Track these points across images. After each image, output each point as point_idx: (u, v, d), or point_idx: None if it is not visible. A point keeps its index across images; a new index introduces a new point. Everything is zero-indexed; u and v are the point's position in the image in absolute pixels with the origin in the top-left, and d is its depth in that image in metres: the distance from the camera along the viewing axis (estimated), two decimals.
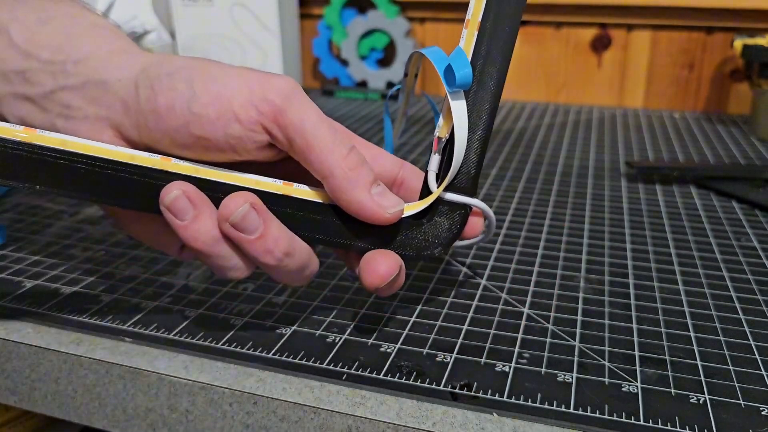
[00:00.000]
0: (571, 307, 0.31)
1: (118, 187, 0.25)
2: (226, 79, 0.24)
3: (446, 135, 0.27)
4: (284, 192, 0.25)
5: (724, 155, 0.56)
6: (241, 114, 0.24)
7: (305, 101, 0.25)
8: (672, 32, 0.73)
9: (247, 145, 0.25)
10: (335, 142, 0.24)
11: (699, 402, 0.24)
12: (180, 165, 0.25)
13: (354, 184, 0.24)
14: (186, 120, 0.24)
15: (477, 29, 0.27)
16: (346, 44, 0.79)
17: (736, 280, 0.34)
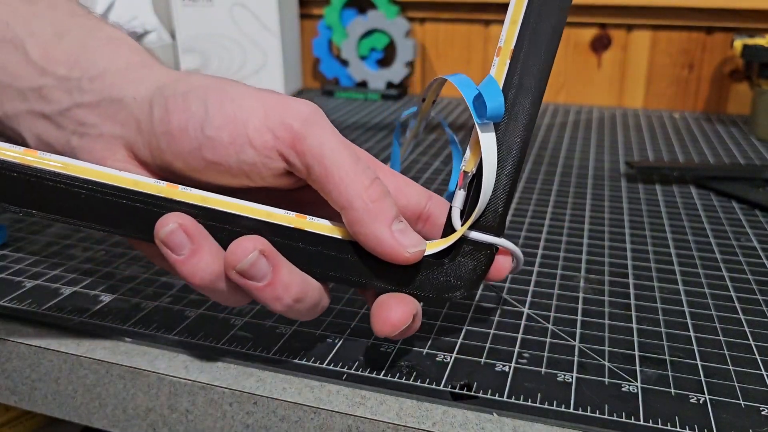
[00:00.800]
0: (571, 307, 0.31)
1: (120, 215, 0.23)
2: (242, 100, 0.23)
3: (473, 169, 0.25)
4: (297, 225, 0.24)
5: (724, 155, 0.56)
6: (256, 139, 0.23)
7: (326, 126, 0.23)
8: (672, 32, 0.73)
9: (262, 172, 0.24)
10: (357, 172, 0.23)
11: (699, 402, 0.24)
12: (187, 193, 0.23)
13: (374, 217, 0.23)
14: (199, 143, 0.23)
15: (509, 58, 0.25)
16: (346, 44, 0.79)
17: (735, 280, 0.34)
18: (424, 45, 0.81)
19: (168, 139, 0.23)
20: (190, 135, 0.23)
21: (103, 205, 0.23)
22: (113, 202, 0.23)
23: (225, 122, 0.23)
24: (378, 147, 0.58)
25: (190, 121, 0.23)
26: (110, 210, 0.23)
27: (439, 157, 0.55)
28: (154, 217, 0.23)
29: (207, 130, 0.23)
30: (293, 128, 0.23)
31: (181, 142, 0.23)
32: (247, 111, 0.23)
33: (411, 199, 0.27)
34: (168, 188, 0.24)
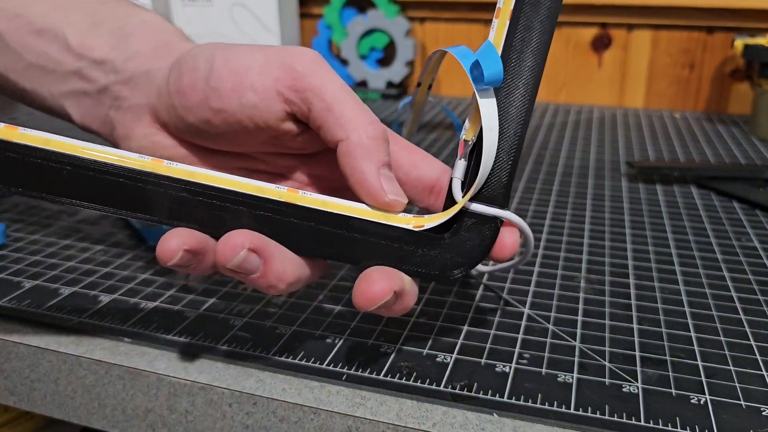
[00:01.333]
0: (571, 308, 0.31)
1: (103, 191, 0.23)
2: (246, 53, 0.25)
3: (473, 138, 0.24)
4: (288, 200, 0.23)
5: (725, 155, 0.56)
6: (257, 82, 0.24)
7: (328, 70, 0.24)
8: (672, 32, 0.73)
9: (264, 115, 0.24)
10: (360, 110, 0.23)
11: (700, 402, 0.24)
12: (173, 168, 0.23)
13: (367, 153, 0.23)
14: (205, 95, 0.25)
15: (509, 18, 0.24)
16: (346, 44, 0.79)
17: (736, 280, 0.34)
18: (424, 44, 0.81)
19: (180, 97, 0.25)
20: (198, 88, 0.25)
21: (87, 181, 0.23)
22: (96, 178, 0.23)
23: (228, 73, 0.25)
24: None
25: (198, 77, 0.25)
26: (94, 186, 0.23)
27: (440, 156, 0.55)
28: (138, 192, 0.23)
29: (211, 82, 0.25)
30: (294, 68, 0.24)
31: (190, 96, 0.25)
32: (249, 59, 0.25)
33: (425, 171, 0.27)
34: (153, 163, 0.23)
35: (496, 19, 0.25)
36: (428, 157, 0.27)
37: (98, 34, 0.29)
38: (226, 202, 0.23)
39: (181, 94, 0.25)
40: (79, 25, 0.29)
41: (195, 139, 0.27)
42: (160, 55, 0.27)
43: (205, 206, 0.23)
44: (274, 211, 0.23)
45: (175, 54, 0.27)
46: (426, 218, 0.24)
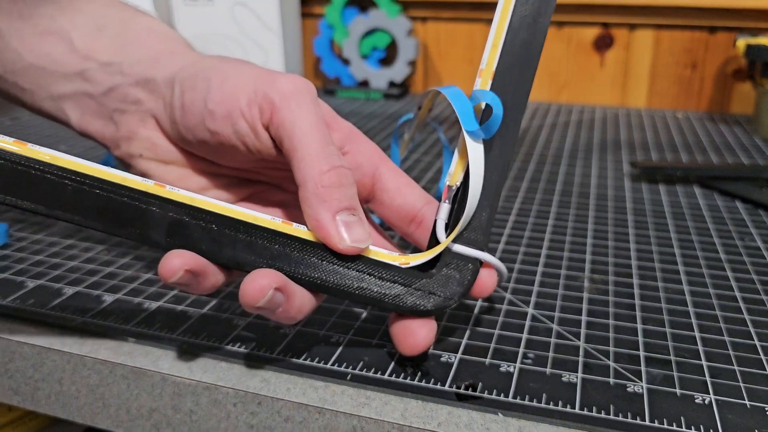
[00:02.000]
0: (575, 307, 0.31)
1: (106, 210, 0.23)
2: (238, 78, 0.26)
3: (457, 183, 0.26)
4: (282, 230, 0.24)
5: (728, 155, 0.56)
6: (246, 112, 0.25)
7: (305, 103, 0.25)
8: (675, 32, 0.73)
9: (255, 143, 0.25)
10: (320, 154, 0.24)
11: (704, 402, 0.24)
12: (174, 193, 0.24)
13: (321, 201, 0.23)
14: (203, 116, 0.26)
15: (492, 78, 0.26)
16: (348, 43, 0.79)
17: (740, 280, 0.33)
18: (425, 44, 0.81)
19: (181, 113, 0.26)
20: (196, 109, 0.26)
21: (89, 198, 0.23)
22: (99, 195, 0.23)
23: (222, 98, 0.25)
24: (381, 145, 0.58)
25: (196, 98, 0.26)
26: (96, 203, 0.23)
27: (441, 156, 0.55)
28: (140, 214, 0.24)
29: (208, 104, 0.26)
30: (273, 102, 0.24)
31: (190, 116, 0.26)
32: (241, 87, 0.25)
33: (407, 200, 0.28)
34: (156, 186, 0.24)
35: (479, 78, 0.26)
36: (413, 186, 0.28)
37: (103, 37, 0.29)
38: (224, 227, 0.24)
39: (182, 110, 0.26)
40: (85, 29, 0.29)
41: (194, 151, 0.28)
42: (163, 63, 0.28)
43: (204, 231, 0.24)
44: (269, 240, 0.24)
45: (178, 63, 0.28)
46: (411, 257, 0.25)
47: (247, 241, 0.24)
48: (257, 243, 0.24)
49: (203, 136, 0.26)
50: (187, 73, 0.27)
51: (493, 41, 0.27)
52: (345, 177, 0.24)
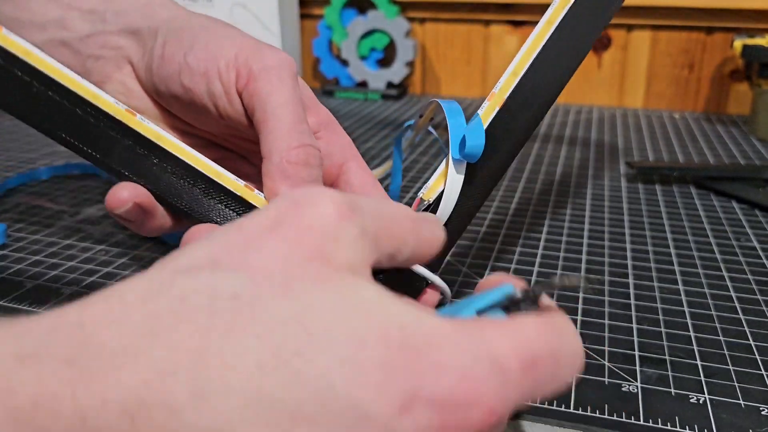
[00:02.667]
0: (570, 307, 0.31)
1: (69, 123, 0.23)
2: (224, 40, 0.25)
3: (430, 199, 0.25)
4: (242, 194, 0.23)
5: (724, 155, 0.56)
6: (224, 74, 0.24)
7: (285, 78, 0.24)
8: (672, 32, 0.73)
9: (227, 107, 0.25)
10: (292, 129, 0.23)
11: (699, 402, 0.24)
12: (143, 124, 0.23)
13: (284, 177, 0.22)
14: (180, 68, 0.25)
15: (500, 106, 0.26)
16: (346, 44, 0.79)
17: (735, 280, 0.34)
18: (424, 45, 0.81)
19: (159, 62, 0.26)
20: (175, 60, 0.25)
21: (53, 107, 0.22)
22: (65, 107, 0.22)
23: (204, 55, 0.25)
24: (378, 147, 0.58)
25: (178, 50, 0.25)
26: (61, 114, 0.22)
27: (439, 156, 0.55)
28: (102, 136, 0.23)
29: (188, 58, 0.25)
30: (252, 70, 0.24)
31: (167, 66, 0.26)
32: (223, 49, 0.25)
33: None
34: (126, 113, 0.23)
35: (488, 101, 0.26)
36: (378, 187, 0.28)
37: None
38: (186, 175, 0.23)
39: (161, 60, 0.26)
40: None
41: (166, 105, 0.27)
42: (149, 14, 0.27)
43: (163, 172, 0.23)
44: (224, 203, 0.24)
45: (165, 14, 0.27)
46: None
47: (204, 195, 0.23)
48: (213, 200, 0.23)
49: (176, 90, 0.26)
50: (174, 25, 0.26)
51: (514, 69, 0.26)
52: (313, 157, 0.23)
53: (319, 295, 0.14)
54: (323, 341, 0.13)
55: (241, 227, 0.15)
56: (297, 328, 0.13)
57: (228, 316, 0.13)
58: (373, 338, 0.13)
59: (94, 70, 0.28)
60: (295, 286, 0.14)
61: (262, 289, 0.13)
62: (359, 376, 0.13)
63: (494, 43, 0.79)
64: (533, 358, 0.15)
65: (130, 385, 0.12)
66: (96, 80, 0.28)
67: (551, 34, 0.27)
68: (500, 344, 0.14)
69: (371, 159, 0.54)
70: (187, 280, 0.13)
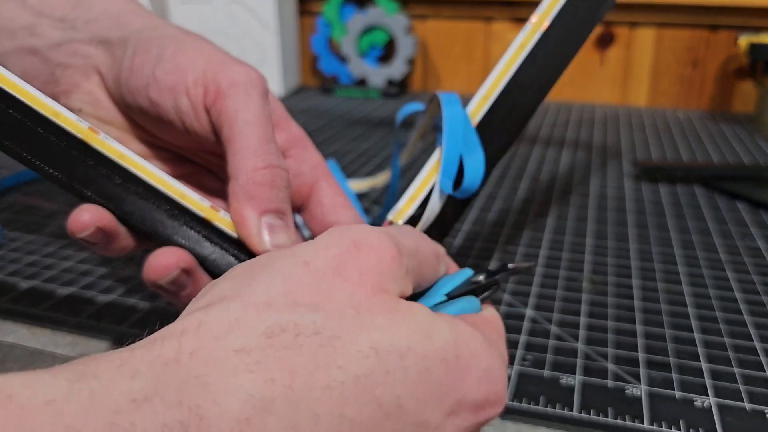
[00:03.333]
0: (574, 309, 0.30)
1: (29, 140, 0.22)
2: (193, 53, 0.25)
3: (400, 222, 0.25)
4: (207, 216, 0.23)
5: (729, 154, 0.56)
6: (191, 90, 0.24)
7: (254, 96, 0.24)
8: (676, 30, 0.72)
9: (193, 123, 0.24)
10: (258, 150, 0.23)
11: (704, 405, 0.24)
12: (106, 143, 0.22)
13: (249, 197, 0.22)
14: (147, 81, 0.25)
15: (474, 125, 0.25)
16: (346, 41, 0.79)
17: (741, 281, 0.33)
18: (424, 42, 0.81)
19: (127, 74, 0.25)
20: (143, 73, 0.25)
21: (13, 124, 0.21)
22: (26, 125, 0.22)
23: (172, 69, 0.24)
24: (378, 145, 0.57)
25: (146, 62, 0.25)
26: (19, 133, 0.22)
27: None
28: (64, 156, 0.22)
29: (156, 71, 0.24)
30: (220, 86, 0.24)
31: (135, 78, 0.25)
32: (192, 63, 0.24)
33: (340, 219, 0.27)
34: (89, 131, 0.22)
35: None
36: (349, 207, 0.28)
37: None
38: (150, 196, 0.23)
39: (129, 71, 0.25)
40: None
41: (134, 117, 0.27)
42: (120, 24, 0.27)
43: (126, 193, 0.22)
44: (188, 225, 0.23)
45: (137, 24, 0.27)
46: None
47: (168, 216, 0.23)
48: (178, 222, 0.23)
49: (143, 103, 0.25)
50: (143, 35, 0.26)
51: (486, 93, 0.26)
52: (279, 178, 0.23)
53: (389, 324, 0.16)
54: (397, 369, 0.15)
55: (308, 265, 0.16)
56: (374, 358, 0.15)
57: (312, 352, 0.14)
58: (436, 361, 0.16)
59: (62, 79, 0.27)
60: (367, 319, 0.15)
61: (339, 324, 0.15)
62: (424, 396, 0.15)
63: (496, 40, 0.78)
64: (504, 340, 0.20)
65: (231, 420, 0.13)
66: (63, 89, 0.27)
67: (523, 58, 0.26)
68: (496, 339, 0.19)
69: (371, 158, 0.54)
70: (271, 316, 0.15)
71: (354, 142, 0.58)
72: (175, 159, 0.29)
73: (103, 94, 0.27)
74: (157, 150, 0.28)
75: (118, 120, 0.27)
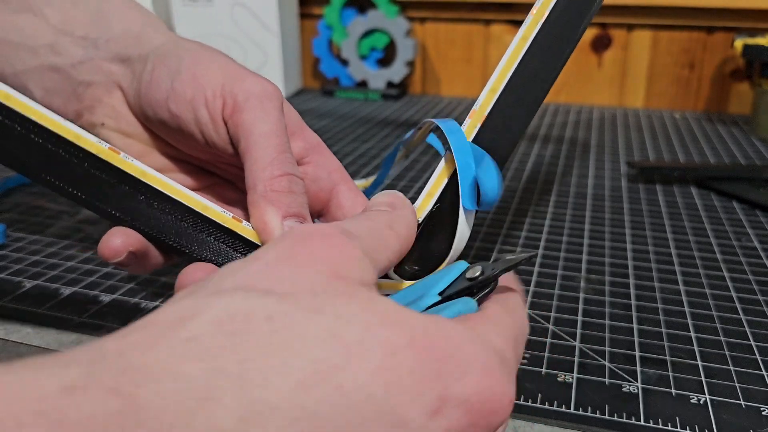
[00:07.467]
0: (571, 308, 0.31)
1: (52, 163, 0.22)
2: (210, 66, 0.25)
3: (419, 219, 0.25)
4: (231, 226, 0.23)
5: (725, 155, 0.56)
6: (210, 102, 0.25)
7: (269, 108, 0.24)
8: (672, 32, 0.73)
9: (212, 135, 0.25)
10: (275, 159, 0.23)
11: (699, 402, 0.24)
12: (127, 162, 0.23)
13: (268, 203, 0.23)
14: (167, 94, 0.25)
15: (481, 122, 0.26)
16: (347, 44, 0.79)
17: (736, 281, 0.34)
18: (424, 44, 0.81)
19: (147, 88, 0.26)
20: (162, 86, 0.26)
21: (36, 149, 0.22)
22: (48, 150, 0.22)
23: (190, 81, 0.25)
24: (378, 147, 0.58)
25: (165, 75, 0.26)
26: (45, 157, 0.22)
27: (439, 157, 0.55)
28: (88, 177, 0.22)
29: (174, 83, 0.25)
30: (237, 100, 0.24)
31: (155, 91, 0.26)
32: (210, 76, 0.25)
33: None
34: (109, 151, 0.23)
35: (469, 119, 0.26)
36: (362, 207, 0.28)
37: (78, 12, 0.28)
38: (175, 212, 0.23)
39: (149, 85, 0.26)
40: (59, 3, 0.28)
41: (155, 130, 0.28)
42: (140, 41, 0.28)
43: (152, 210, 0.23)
44: (213, 236, 0.23)
45: (156, 41, 0.27)
46: None
47: (193, 229, 0.23)
48: (202, 234, 0.23)
49: (163, 115, 0.26)
50: (162, 51, 0.27)
51: (492, 86, 0.26)
52: (296, 185, 0.24)
53: (348, 309, 0.14)
54: (358, 353, 0.13)
55: (258, 258, 0.16)
56: (333, 342, 0.13)
57: (265, 337, 0.13)
58: (402, 345, 0.14)
59: (85, 95, 0.28)
60: (324, 303, 0.14)
61: (294, 309, 0.14)
62: (394, 384, 0.13)
63: (495, 43, 0.79)
64: (514, 341, 0.17)
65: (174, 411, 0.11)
66: (86, 105, 0.28)
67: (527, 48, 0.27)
68: (494, 337, 0.16)
69: (371, 159, 0.54)
70: (220, 304, 0.14)
71: (354, 143, 0.59)
72: (196, 171, 0.29)
73: (125, 109, 0.28)
74: (177, 162, 0.29)
75: (139, 133, 0.28)
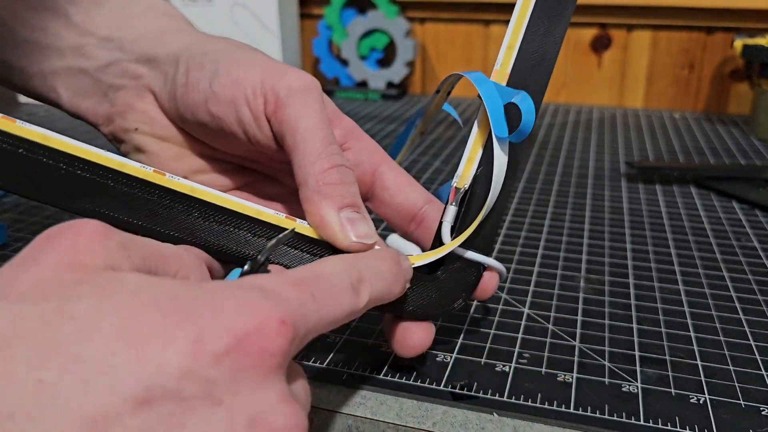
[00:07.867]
0: (571, 307, 0.31)
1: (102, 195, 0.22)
2: (247, 65, 0.25)
3: (465, 185, 0.25)
4: (288, 227, 0.23)
5: (724, 155, 0.56)
6: (251, 100, 0.25)
7: (311, 101, 0.24)
8: (672, 32, 0.73)
9: (256, 134, 0.25)
10: (322, 153, 0.23)
11: (699, 402, 0.24)
12: (174, 182, 0.23)
13: (323, 197, 0.23)
14: (206, 97, 0.25)
15: (506, 81, 0.25)
16: (346, 44, 0.79)
17: (736, 280, 0.34)
18: (424, 45, 0.81)
19: (184, 91, 0.26)
20: (200, 89, 0.25)
21: (84, 184, 0.22)
22: (94, 181, 0.22)
23: (229, 82, 0.25)
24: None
25: (202, 78, 0.25)
26: (90, 189, 0.22)
27: (439, 156, 0.55)
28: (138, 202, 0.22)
29: (214, 86, 0.25)
30: (279, 96, 0.24)
31: (193, 94, 0.25)
32: (249, 75, 0.25)
33: (408, 198, 0.27)
34: (155, 174, 0.23)
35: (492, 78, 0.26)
36: (414, 184, 0.28)
37: (101, 12, 0.28)
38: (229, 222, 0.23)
39: (185, 88, 0.26)
40: (82, 4, 0.28)
41: (191, 131, 0.27)
42: (167, 41, 0.27)
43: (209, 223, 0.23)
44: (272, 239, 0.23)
45: (184, 40, 0.27)
46: (414, 257, 0.24)
47: (252, 235, 0.23)
48: (261, 238, 0.23)
49: (203, 117, 0.26)
50: (194, 51, 0.26)
51: (509, 42, 0.26)
52: (347, 175, 0.24)
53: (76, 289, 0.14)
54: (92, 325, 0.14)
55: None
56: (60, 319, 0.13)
57: None
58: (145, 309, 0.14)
59: (115, 100, 0.28)
60: (51, 292, 0.14)
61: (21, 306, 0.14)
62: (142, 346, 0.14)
63: (494, 43, 0.79)
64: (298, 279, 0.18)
65: None
66: (118, 110, 0.28)
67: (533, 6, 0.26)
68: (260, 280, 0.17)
69: None
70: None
71: None
72: (234, 170, 0.29)
73: (158, 113, 0.27)
74: (215, 162, 0.29)
75: (174, 136, 0.28)
